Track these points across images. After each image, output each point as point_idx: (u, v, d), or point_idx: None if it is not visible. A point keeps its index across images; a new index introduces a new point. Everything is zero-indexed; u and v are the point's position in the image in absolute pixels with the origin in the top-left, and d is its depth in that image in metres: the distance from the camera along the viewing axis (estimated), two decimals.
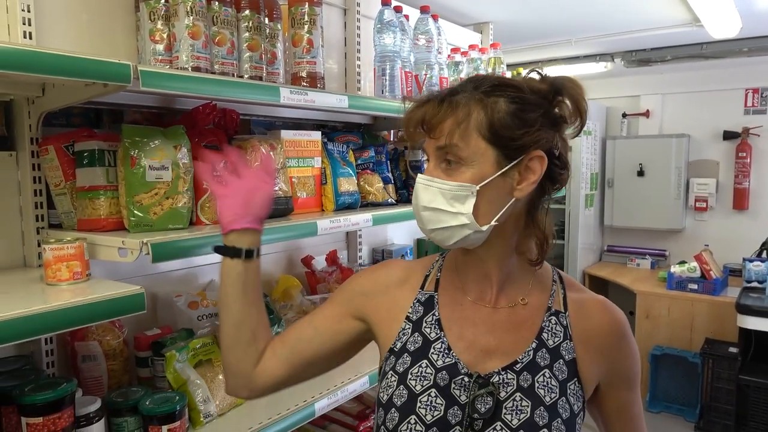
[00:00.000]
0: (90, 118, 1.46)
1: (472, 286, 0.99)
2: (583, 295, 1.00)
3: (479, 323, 0.96)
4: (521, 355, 0.92)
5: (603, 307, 0.99)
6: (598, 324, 0.96)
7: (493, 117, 0.87)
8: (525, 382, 0.90)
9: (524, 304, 0.97)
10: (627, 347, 0.98)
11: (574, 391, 0.92)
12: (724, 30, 3.21)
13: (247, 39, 1.39)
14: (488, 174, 0.88)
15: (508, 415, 0.88)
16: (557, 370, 0.92)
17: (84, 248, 1.07)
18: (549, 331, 0.95)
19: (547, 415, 0.88)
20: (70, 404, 1.01)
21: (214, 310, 1.57)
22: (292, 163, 1.52)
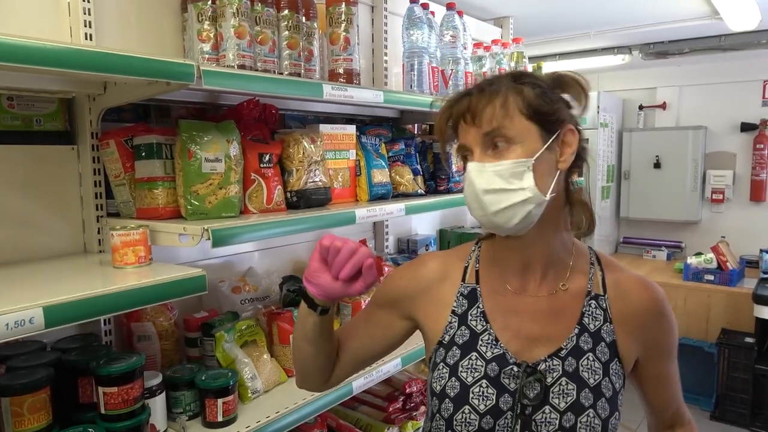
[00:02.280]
0: (139, 114, 1.55)
1: (514, 275, 1.02)
2: (620, 275, 1.03)
3: (522, 312, 0.99)
4: (565, 342, 0.96)
5: (641, 285, 1.01)
6: (637, 303, 0.99)
7: (529, 99, 0.93)
8: (570, 367, 0.94)
9: (564, 290, 1.00)
10: (665, 323, 1.01)
11: (615, 370, 0.96)
12: (743, 22, 3.23)
13: (286, 38, 1.46)
14: (537, 148, 0.92)
15: (555, 399, 0.92)
16: (600, 352, 0.96)
17: (147, 234, 1.16)
18: (589, 315, 0.98)
19: (592, 396, 0.93)
20: (140, 376, 1.10)
21: (255, 294, 1.66)
22: (329, 155, 1.59)
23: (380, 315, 1.12)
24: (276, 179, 1.42)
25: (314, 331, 1.01)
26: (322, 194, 1.50)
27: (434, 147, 2.01)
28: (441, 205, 1.88)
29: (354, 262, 0.90)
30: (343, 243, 0.91)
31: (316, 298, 0.97)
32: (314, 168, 1.48)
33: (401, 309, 1.09)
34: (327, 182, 1.52)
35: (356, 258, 0.90)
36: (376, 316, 1.12)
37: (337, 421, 1.88)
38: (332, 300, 0.98)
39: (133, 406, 1.08)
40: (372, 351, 1.12)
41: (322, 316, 0.99)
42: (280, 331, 1.52)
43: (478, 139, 0.94)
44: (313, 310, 0.98)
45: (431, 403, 1.01)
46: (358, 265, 0.90)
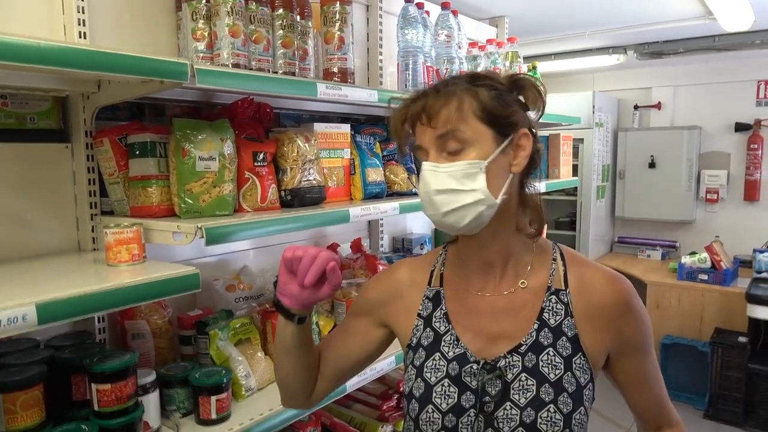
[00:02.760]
0: (133, 112, 1.55)
1: (475, 276, 1.04)
2: (584, 269, 1.02)
3: (483, 312, 1.01)
4: (525, 338, 0.97)
5: (605, 278, 1.00)
6: (600, 297, 0.98)
7: (484, 102, 0.95)
8: (529, 363, 0.95)
9: (524, 287, 1.01)
10: (633, 315, 1.00)
11: (579, 365, 0.95)
12: (736, 23, 3.25)
13: (281, 36, 1.47)
14: (491, 151, 0.94)
15: (515, 395, 0.93)
16: (560, 347, 0.96)
17: (141, 232, 1.16)
18: (549, 310, 0.98)
19: (553, 391, 0.93)
20: (133, 374, 1.11)
21: (250, 292, 1.66)
22: (323, 154, 1.60)
23: (357, 324, 1.14)
24: (270, 178, 1.42)
25: (293, 342, 1.03)
26: (316, 193, 1.50)
27: None
28: None
29: (316, 267, 0.93)
30: (303, 251, 0.94)
31: (291, 309, 1.00)
32: (308, 167, 1.48)
33: (376, 316, 1.12)
34: (321, 181, 1.53)
35: (317, 263, 0.93)
36: (353, 326, 1.14)
37: (331, 419, 1.89)
38: (306, 307, 1.00)
39: (126, 403, 1.09)
40: (351, 361, 1.13)
41: (300, 325, 1.01)
42: (274, 329, 1.52)
43: (433, 140, 0.96)
44: (291, 321, 1.01)
45: (404, 405, 1.05)
46: (320, 269, 0.93)
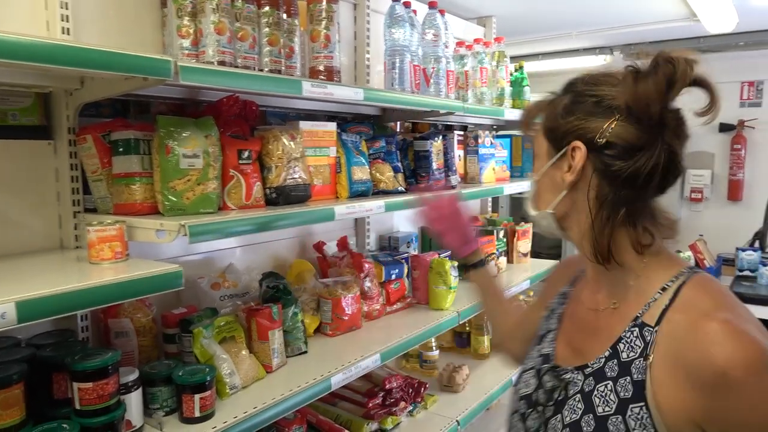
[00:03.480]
0: (117, 109, 1.54)
1: (586, 286, 1.05)
2: (695, 314, 0.81)
3: (577, 321, 1.03)
4: (593, 361, 0.91)
5: (716, 333, 0.77)
6: (695, 352, 0.78)
7: (551, 111, 0.95)
8: (587, 387, 0.90)
9: (614, 308, 0.94)
10: (729, 392, 0.75)
11: (637, 415, 0.82)
12: (720, 25, 3.30)
13: (267, 34, 1.46)
14: (543, 164, 0.97)
15: (566, 411, 0.92)
16: (621, 386, 0.85)
17: (124, 230, 1.16)
18: (627, 342, 0.87)
19: (594, 424, 0.86)
20: (115, 372, 1.10)
21: (235, 290, 1.66)
22: (309, 152, 1.60)
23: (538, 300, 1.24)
24: (255, 175, 1.42)
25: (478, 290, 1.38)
26: (301, 191, 1.50)
27: (415, 145, 2.02)
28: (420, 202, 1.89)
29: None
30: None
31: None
32: (294, 165, 1.48)
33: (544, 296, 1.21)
34: (306, 179, 1.53)
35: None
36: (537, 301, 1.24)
37: (316, 416, 1.89)
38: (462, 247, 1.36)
39: (108, 401, 1.08)
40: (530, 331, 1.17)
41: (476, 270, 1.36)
42: (259, 327, 1.52)
43: None
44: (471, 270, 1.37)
45: None
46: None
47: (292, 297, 1.67)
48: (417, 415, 2.15)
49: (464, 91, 2.31)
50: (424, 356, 2.49)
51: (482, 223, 2.88)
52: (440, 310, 2.08)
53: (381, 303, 2.02)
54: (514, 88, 2.61)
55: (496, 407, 2.71)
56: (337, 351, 1.70)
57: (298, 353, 1.66)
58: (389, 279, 2.06)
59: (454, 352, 2.74)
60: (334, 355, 1.66)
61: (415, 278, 2.18)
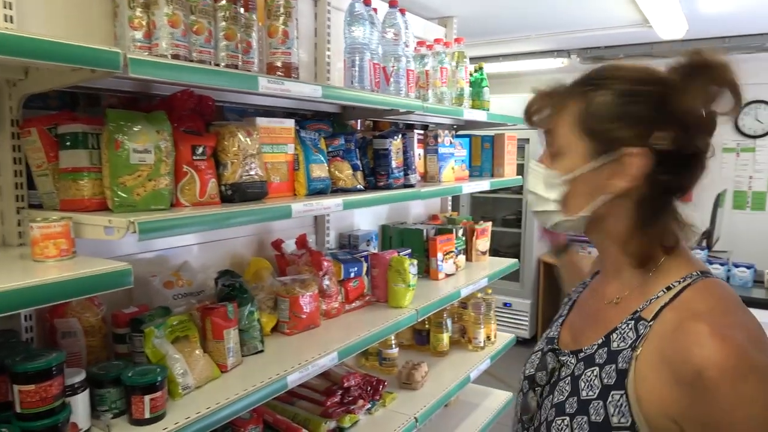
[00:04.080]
0: (66, 102, 1.48)
1: (602, 277, 1.07)
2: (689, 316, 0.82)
3: (584, 310, 1.08)
4: (587, 347, 0.95)
5: (699, 334, 0.77)
6: (676, 351, 0.79)
7: (589, 109, 0.88)
8: (578, 371, 0.94)
9: (617, 303, 0.96)
10: (705, 392, 0.75)
11: (617, 402, 0.84)
12: (671, 31, 3.42)
13: (223, 28, 1.44)
14: (575, 166, 0.90)
15: (556, 392, 0.96)
16: (605, 372, 0.88)
17: (70, 227, 1.12)
18: (620, 333, 0.90)
19: (576, 407, 0.89)
20: (59, 374, 1.06)
21: (190, 289, 1.63)
22: (266, 149, 1.58)
23: None
24: (210, 172, 1.39)
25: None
26: (258, 188, 1.48)
27: (375, 143, 2.02)
28: (380, 200, 1.90)
29: None
30: None
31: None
32: (250, 161, 1.46)
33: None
34: (263, 176, 1.51)
35: None
36: None
37: (273, 416, 1.87)
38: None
39: (52, 404, 1.04)
40: None
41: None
42: (214, 326, 1.50)
43: (544, 137, 0.99)
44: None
45: None
46: None
47: (248, 295, 1.65)
48: (375, 412, 2.15)
49: (424, 91, 2.33)
50: (384, 354, 2.50)
51: (441, 221, 2.91)
52: (399, 308, 2.09)
53: (340, 301, 2.02)
54: (474, 88, 2.65)
55: (455, 403, 2.75)
56: (295, 350, 1.69)
57: (254, 352, 1.64)
58: (348, 277, 2.06)
59: (413, 349, 2.76)
60: (291, 354, 1.65)
61: (374, 276, 2.19)
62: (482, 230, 2.87)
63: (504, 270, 2.77)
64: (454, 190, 2.39)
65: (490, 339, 2.80)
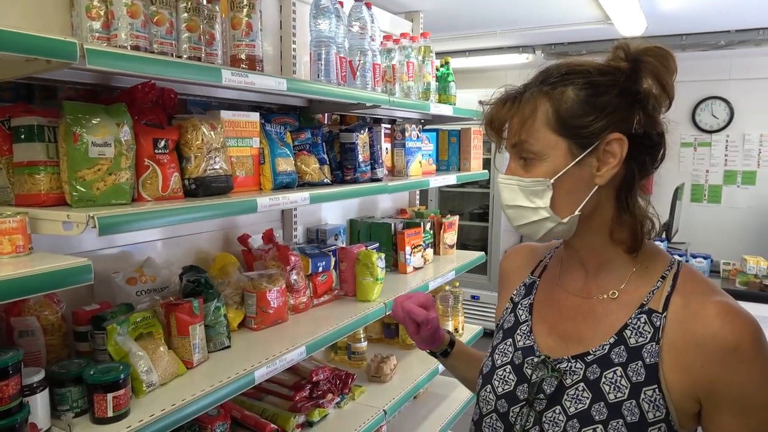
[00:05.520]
0: (21, 94, 1.44)
1: (568, 274, 1.02)
2: (697, 297, 0.88)
3: (563, 310, 1.00)
4: (595, 348, 0.91)
5: (718, 311, 0.84)
6: (704, 331, 0.84)
7: (560, 107, 0.88)
8: (592, 375, 0.90)
9: (613, 297, 0.94)
10: (740, 364, 0.82)
11: (650, 397, 0.85)
12: (631, 28, 3.50)
13: (185, 20, 1.41)
14: (562, 166, 0.89)
15: (567, 402, 0.90)
16: (632, 370, 0.87)
17: (26, 222, 1.09)
18: (634, 329, 0.90)
19: (607, 412, 0.86)
20: (16, 373, 1.03)
21: (153, 285, 1.60)
22: (231, 143, 1.56)
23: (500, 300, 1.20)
24: (173, 166, 1.37)
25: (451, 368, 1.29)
26: (222, 182, 1.47)
27: (341, 137, 2.02)
28: (347, 194, 1.90)
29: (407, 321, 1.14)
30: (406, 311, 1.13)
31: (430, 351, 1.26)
32: (214, 155, 1.44)
33: (503, 291, 1.18)
34: (228, 170, 1.50)
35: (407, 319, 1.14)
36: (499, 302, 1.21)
37: (242, 412, 1.86)
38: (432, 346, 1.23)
39: (8, 404, 1.01)
40: None
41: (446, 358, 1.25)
42: (179, 322, 1.48)
43: (510, 149, 0.95)
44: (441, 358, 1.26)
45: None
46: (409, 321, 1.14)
47: (214, 291, 1.63)
48: (344, 406, 2.16)
49: (391, 85, 2.34)
50: (353, 348, 2.51)
51: (409, 215, 2.93)
52: (367, 301, 2.10)
53: (308, 296, 2.01)
54: (440, 83, 2.66)
55: (424, 395, 2.78)
56: (262, 345, 1.68)
57: (220, 348, 1.62)
58: (316, 271, 2.05)
59: (382, 343, 2.77)
60: (258, 349, 1.64)
61: (342, 270, 2.19)
62: (450, 224, 2.90)
63: (471, 263, 2.81)
64: (421, 184, 2.41)
65: (458, 331, 2.83)
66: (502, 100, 0.95)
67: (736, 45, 4.00)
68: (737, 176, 5.00)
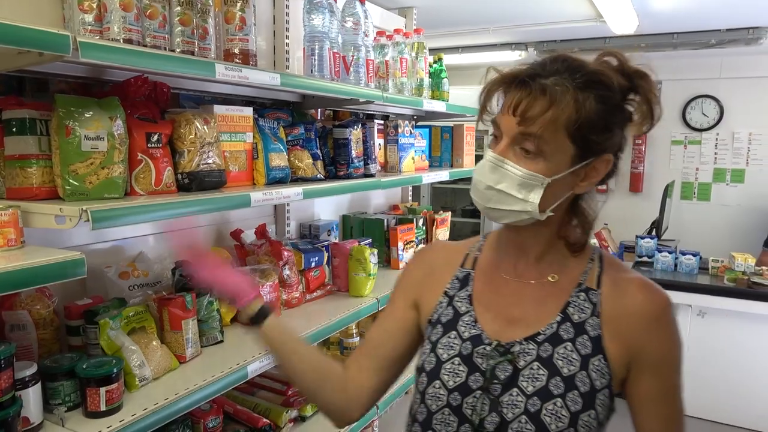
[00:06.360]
0: (12, 86, 1.43)
1: (507, 260, 1.04)
2: (621, 274, 1.00)
3: (507, 295, 1.02)
4: (544, 328, 0.96)
5: (640, 286, 0.97)
6: (631, 303, 0.95)
7: (582, 116, 0.87)
8: (545, 353, 0.93)
9: (554, 281, 1.00)
10: (661, 332, 0.95)
11: (597, 366, 0.92)
12: (623, 26, 3.52)
13: (179, 13, 1.40)
14: (562, 169, 0.91)
15: (524, 382, 0.92)
16: (580, 344, 0.94)
17: (18, 216, 1.08)
18: (576, 306, 0.97)
19: (563, 385, 0.91)
20: (8, 366, 1.03)
21: (146, 280, 1.60)
22: (224, 137, 1.56)
23: (394, 307, 1.15)
24: (166, 160, 1.37)
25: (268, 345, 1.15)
26: (216, 177, 1.47)
27: (335, 132, 2.02)
28: (340, 189, 1.90)
29: None
30: None
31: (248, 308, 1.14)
32: (207, 150, 1.44)
33: (410, 296, 1.13)
34: (221, 164, 1.49)
35: None
36: (390, 309, 1.15)
37: (234, 406, 1.86)
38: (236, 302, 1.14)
39: (1, 398, 1.01)
40: (390, 348, 1.12)
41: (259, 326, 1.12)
42: (171, 317, 1.48)
43: (513, 132, 0.91)
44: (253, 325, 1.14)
45: (415, 377, 1.06)
46: None
47: None
48: None
49: (384, 81, 2.34)
50: (345, 343, 2.51)
51: (402, 211, 2.93)
52: (360, 297, 2.11)
53: (300, 291, 2.01)
54: (433, 79, 2.67)
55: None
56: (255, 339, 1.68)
57: (213, 343, 1.63)
58: (309, 267, 2.06)
59: None
60: (251, 344, 1.63)
61: (335, 266, 2.19)
62: (442, 220, 2.90)
63: None
64: (414, 180, 2.42)
65: None
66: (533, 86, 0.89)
67: (727, 44, 4.02)
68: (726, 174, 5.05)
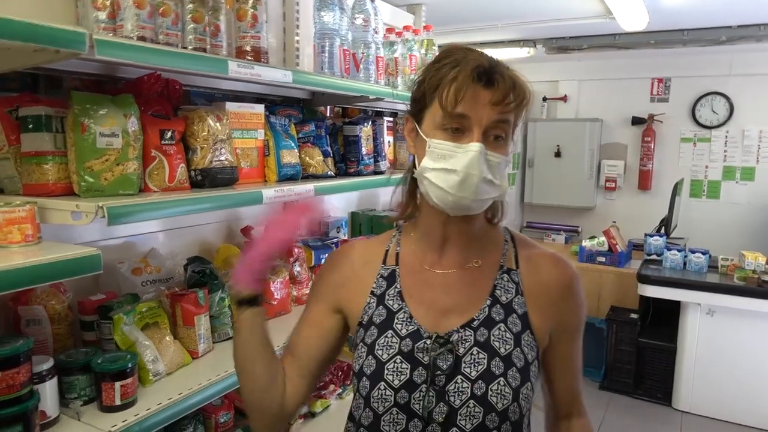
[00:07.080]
0: (27, 83, 1.44)
1: (430, 251, 1.05)
2: (533, 251, 1.07)
3: (436, 286, 1.03)
4: (477, 313, 0.99)
5: (552, 261, 1.05)
6: (547, 278, 1.03)
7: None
8: (481, 337, 0.97)
9: (477, 265, 1.04)
10: (573, 301, 1.04)
11: (527, 342, 0.99)
12: (633, 23, 3.50)
13: (191, 11, 1.41)
14: (510, 146, 0.98)
15: (467, 368, 0.94)
16: (511, 323, 0.99)
17: (35, 212, 1.09)
18: (501, 287, 1.02)
19: (503, 365, 0.95)
20: (27, 360, 1.04)
21: (158, 276, 1.61)
22: (236, 134, 1.57)
23: (314, 313, 1.12)
24: (179, 157, 1.38)
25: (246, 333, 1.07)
26: (228, 173, 1.47)
27: (345, 129, 2.03)
28: (351, 186, 1.91)
29: None
30: None
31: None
32: (220, 146, 1.45)
33: (330, 301, 1.10)
34: (233, 161, 1.50)
35: None
36: (311, 316, 1.12)
37: None
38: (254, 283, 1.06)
39: (19, 391, 1.03)
40: (311, 354, 1.10)
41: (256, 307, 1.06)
42: (184, 313, 1.49)
43: (487, 121, 0.91)
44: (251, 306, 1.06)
45: (353, 384, 1.03)
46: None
47: (219, 282, 1.64)
48: (346, 397, 2.18)
49: (394, 78, 2.33)
50: None
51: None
52: None
53: (310, 287, 2.02)
54: None
55: None
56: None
57: (225, 338, 1.64)
58: (319, 263, 2.06)
59: None
60: None
61: None
62: None
63: None
64: None
65: None
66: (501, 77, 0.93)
67: (737, 41, 3.99)
68: (736, 172, 5.01)
